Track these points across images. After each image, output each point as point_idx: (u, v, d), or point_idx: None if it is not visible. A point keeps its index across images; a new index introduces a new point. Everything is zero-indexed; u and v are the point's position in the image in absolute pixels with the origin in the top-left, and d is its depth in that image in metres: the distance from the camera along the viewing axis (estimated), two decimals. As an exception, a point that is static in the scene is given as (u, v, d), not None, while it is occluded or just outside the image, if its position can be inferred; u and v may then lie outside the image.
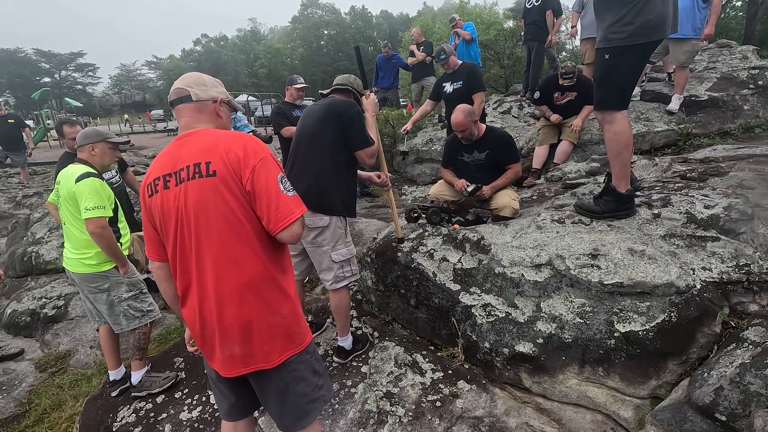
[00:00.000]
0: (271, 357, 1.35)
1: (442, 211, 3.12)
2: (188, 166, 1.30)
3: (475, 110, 3.35)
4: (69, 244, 2.53)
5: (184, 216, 1.31)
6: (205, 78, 1.46)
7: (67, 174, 2.48)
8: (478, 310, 2.36)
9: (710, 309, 1.97)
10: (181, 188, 1.30)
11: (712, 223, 2.37)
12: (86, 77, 57.08)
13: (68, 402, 2.79)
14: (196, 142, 1.34)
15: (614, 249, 2.19)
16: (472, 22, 7.44)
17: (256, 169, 1.29)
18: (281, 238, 1.34)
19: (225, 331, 1.32)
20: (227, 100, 1.49)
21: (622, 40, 2.19)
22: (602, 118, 2.41)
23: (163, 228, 1.36)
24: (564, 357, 2.08)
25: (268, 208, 1.30)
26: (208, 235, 1.30)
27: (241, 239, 1.31)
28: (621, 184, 2.46)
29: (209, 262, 1.31)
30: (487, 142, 3.29)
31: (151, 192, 1.36)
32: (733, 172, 3.00)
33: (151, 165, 1.44)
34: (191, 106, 1.40)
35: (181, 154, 1.34)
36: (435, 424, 2.04)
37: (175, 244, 1.35)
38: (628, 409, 1.94)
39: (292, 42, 55.11)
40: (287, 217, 1.31)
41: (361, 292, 3.21)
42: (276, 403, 1.44)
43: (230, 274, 1.31)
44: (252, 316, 1.32)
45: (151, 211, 1.38)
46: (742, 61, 5.44)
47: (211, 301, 1.32)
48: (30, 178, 8.69)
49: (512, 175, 3.29)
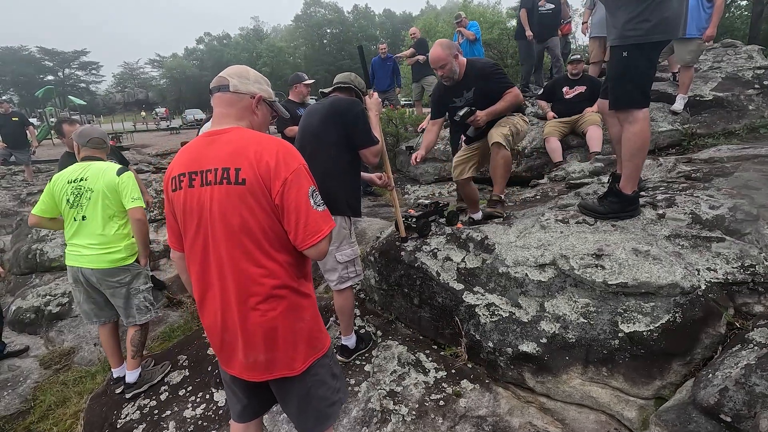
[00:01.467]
0: (295, 364, 1.35)
1: (435, 213, 3.02)
2: (216, 169, 1.26)
3: (455, 44, 2.97)
4: (90, 240, 2.48)
5: (208, 220, 1.28)
6: (250, 72, 1.41)
7: (99, 169, 2.50)
8: (482, 309, 2.36)
9: (715, 310, 1.96)
10: (207, 191, 1.27)
11: (717, 223, 2.36)
12: (89, 75, 57.33)
13: (73, 399, 2.81)
14: (226, 144, 1.29)
15: (619, 249, 2.19)
16: (476, 22, 7.39)
17: (287, 183, 1.25)
18: (307, 254, 1.33)
19: (249, 338, 1.30)
20: (270, 101, 1.43)
21: (640, 37, 2.15)
22: (622, 118, 2.35)
23: (183, 224, 1.34)
24: (568, 357, 2.08)
25: (296, 224, 1.27)
26: (233, 242, 1.26)
27: (267, 249, 1.28)
28: (629, 185, 2.44)
29: (233, 269, 1.28)
30: (471, 79, 2.94)
31: (174, 186, 1.33)
32: (738, 172, 2.98)
33: (176, 157, 1.39)
34: (226, 97, 1.35)
35: (209, 153, 1.29)
36: (438, 423, 2.05)
37: (194, 243, 1.33)
38: (632, 409, 1.93)
39: (294, 41, 55.18)
40: (315, 234, 1.28)
41: (365, 291, 3.21)
42: (297, 407, 1.43)
43: (253, 285, 1.28)
44: (277, 323, 1.30)
45: (173, 204, 1.36)
46: (747, 60, 5.40)
47: (234, 308, 1.29)
48: (34, 176, 8.72)
49: (512, 98, 2.90)
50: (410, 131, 7.82)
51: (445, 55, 2.83)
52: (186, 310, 3.75)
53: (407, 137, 7.74)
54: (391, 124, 7.68)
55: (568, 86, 4.82)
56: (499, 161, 2.89)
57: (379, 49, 7.93)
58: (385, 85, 8.04)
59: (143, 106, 40.77)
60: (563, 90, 4.84)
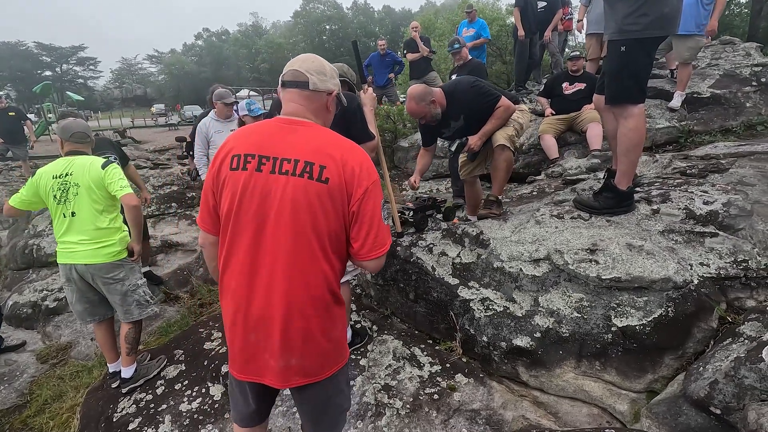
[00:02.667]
0: (324, 370, 1.32)
1: (432, 207, 3.01)
2: (297, 160, 1.20)
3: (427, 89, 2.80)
4: (82, 236, 2.44)
5: (274, 209, 1.21)
6: (326, 66, 1.34)
7: (83, 163, 2.46)
8: (477, 304, 2.37)
9: (707, 304, 1.98)
10: (280, 180, 1.20)
11: (711, 219, 2.37)
12: (87, 71, 57.04)
13: (69, 393, 2.82)
14: (310, 138, 1.25)
15: (613, 244, 2.20)
16: (484, 21, 7.17)
17: (368, 192, 1.24)
18: (366, 266, 1.32)
19: (288, 341, 1.25)
20: (338, 93, 1.38)
21: (638, 32, 2.15)
22: (617, 113, 2.35)
23: (238, 206, 1.23)
24: (561, 351, 2.09)
25: (367, 234, 1.26)
26: (299, 238, 1.21)
27: (328, 252, 1.25)
28: (624, 181, 2.45)
29: (286, 267, 1.22)
30: (454, 108, 2.83)
31: (237, 165, 1.23)
32: (733, 168, 2.99)
33: (239, 135, 1.31)
34: (306, 94, 1.29)
35: (288, 141, 1.23)
36: (432, 416, 2.06)
37: (244, 228, 1.24)
38: (624, 402, 1.95)
39: (293, 37, 54.96)
40: (382, 247, 1.29)
41: (361, 286, 3.22)
42: (315, 413, 1.41)
43: (307, 286, 1.24)
44: (317, 330, 1.27)
45: (225, 182, 1.25)
46: (746, 58, 5.40)
47: (278, 309, 1.23)
48: (31, 172, 8.69)
49: (502, 113, 2.80)
50: (408, 127, 7.81)
51: (422, 107, 2.74)
52: (182, 306, 3.76)
53: (405, 133, 7.73)
54: (390, 120, 7.67)
55: (567, 82, 4.82)
56: (502, 163, 2.87)
57: (378, 45, 7.90)
58: (383, 81, 8.01)
59: (151, 104, 40.58)
60: (562, 86, 4.84)
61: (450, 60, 6.05)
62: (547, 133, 4.79)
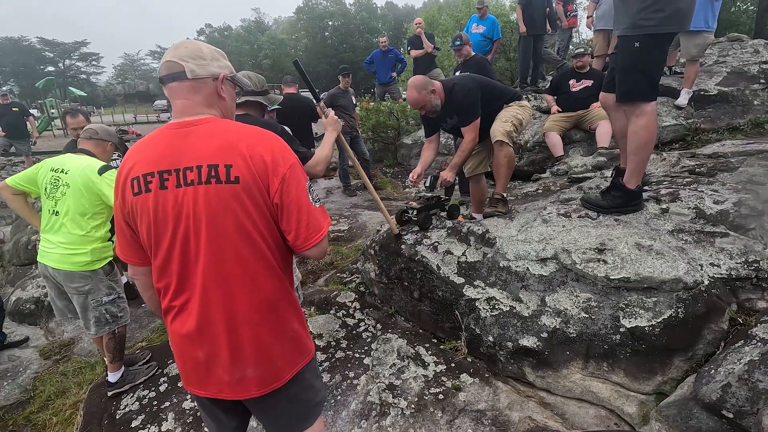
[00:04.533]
0: (283, 374, 1.24)
1: (436, 206, 2.97)
2: (200, 166, 1.09)
3: (428, 79, 2.85)
4: (59, 237, 2.37)
5: (191, 225, 1.11)
6: (203, 49, 1.18)
7: (81, 164, 2.39)
8: (482, 303, 2.34)
9: (718, 305, 1.94)
10: (188, 192, 1.10)
11: (721, 218, 2.34)
12: (90, 66, 57.09)
13: (72, 389, 2.81)
14: (208, 137, 1.12)
15: (621, 244, 2.16)
16: (495, 18, 7.00)
17: (286, 179, 1.13)
18: (308, 254, 1.22)
19: (237, 352, 1.18)
20: (231, 76, 1.23)
21: (653, 27, 2.10)
22: (629, 111, 2.30)
23: (154, 234, 1.14)
24: (568, 352, 2.06)
25: (298, 223, 1.16)
26: (221, 248, 1.13)
27: (260, 254, 1.16)
28: (633, 180, 2.41)
29: (219, 278, 1.14)
30: (450, 104, 2.88)
31: (137, 189, 1.12)
32: (742, 167, 2.95)
33: (131, 154, 1.17)
34: (187, 86, 1.15)
35: (185, 147, 1.11)
36: (437, 416, 2.04)
37: (169, 253, 1.15)
38: (633, 404, 1.92)
39: (296, 33, 54.81)
40: (318, 232, 1.18)
41: (365, 284, 3.20)
42: (279, 415, 1.33)
43: (246, 292, 1.16)
44: (269, 335, 1.20)
45: (134, 210, 1.14)
46: (753, 55, 5.34)
47: (219, 321, 1.16)
48: (34, 167, 8.71)
49: (467, 145, 2.84)
50: (412, 124, 7.78)
51: (423, 95, 2.76)
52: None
53: (408, 130, 7.70)
54: (393, 117, 7.64)
55: (574, 79, 4.77)
56: (502, 159, 2.84)
57: (379, 42, 7.85)
58: (385, 78, 7.98)
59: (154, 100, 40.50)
60: (569, 83, 4.79)
61: (454, 56, 5.97)
62: (552, 131, 4.75)
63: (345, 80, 5.86)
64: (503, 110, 2.92)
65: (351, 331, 2.75)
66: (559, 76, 5.14)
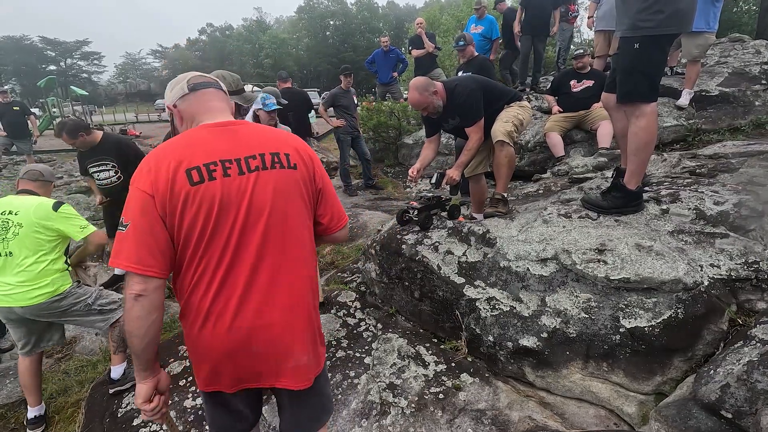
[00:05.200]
0: (321, 362, 1.31)
1: (437, 206, 2.98)
2: (262, 153, 1.16)
3: (429, 80, 2.86)
4: (18, 278, 2.28)
5: (256, 210, 1.13)
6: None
7: (32, 203, 2.36)
8: (483, 303, 2.35)
9: (717, 306, 1.95)
10: (251, 178, 1.13)
11: (722, 219, 2.34)
12: (91, 66, 57.16)
13: (74, 388, 2.82)
14: (257, 132, 1.22)
15: (621, 244, 2.17)
16: (493, 18, 7.02)
17: (322, 169, 1.32)
18: (336, 237, 1.38)
19: (299, 338, 1.21)
20: None
21: (653, 29, 2.10)
22: (629, 112, 2.31)
23: (215, 222, 1.10)
24: (568, 352, 2.07)
25: (333, 207, 1.33)
26: (285, 232, 1.17)
27: (311, 237, 1.28)
28: (633, 181, 2.41)
29: (280, 263, 1.16)
30: (452, 105, 2.88)
31: (200, 178, 1.08)
32: (743, 168, 2.95)
33: (168, 151, 1.12)
34: (221, 94, 1.30)
35: (239, 140, 1.17)
36: (438, 416, 2.05)
37: (226, 244, 1.12)
38: (632, 404, 1.93)
39: (297, 32, 54.85)
40: (344, 216, 1.37)
41: (365, 284, 3.21)
42: (312, 406, 1.36)
43: (305, 276, 1.22)
44: (318, 320, 1.29)
45: (188, 200, 1.07)
46: (755, 56, 5.34)
47: (276, 308, 1.16)
48: (36, 166, 8.72)
49: (473, 144, 2.84)
50: (413, 124, 7.78)
51: (424, 97, 2.77)
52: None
53: (410, 130, 7.70)
54: (394, 117, 7.64)
55: (575, 80, 4.77)
56: (503, 159, 2.84)
57: (381, 41, 7.86)
58: (387, 78, 7.97)
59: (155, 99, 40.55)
60: (570, 84, 4.79)
61: (455, 56, 5.96)
62: (552, 131, 4.75)
63: (347, 80, 5.88)
64: (504, 110, 2.92)
65: (352, 330, 2.76)
66: (560, 76, 5.14)
